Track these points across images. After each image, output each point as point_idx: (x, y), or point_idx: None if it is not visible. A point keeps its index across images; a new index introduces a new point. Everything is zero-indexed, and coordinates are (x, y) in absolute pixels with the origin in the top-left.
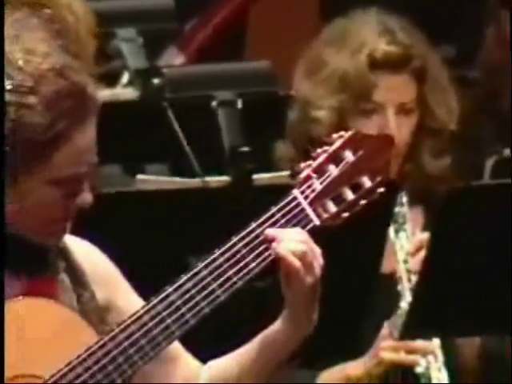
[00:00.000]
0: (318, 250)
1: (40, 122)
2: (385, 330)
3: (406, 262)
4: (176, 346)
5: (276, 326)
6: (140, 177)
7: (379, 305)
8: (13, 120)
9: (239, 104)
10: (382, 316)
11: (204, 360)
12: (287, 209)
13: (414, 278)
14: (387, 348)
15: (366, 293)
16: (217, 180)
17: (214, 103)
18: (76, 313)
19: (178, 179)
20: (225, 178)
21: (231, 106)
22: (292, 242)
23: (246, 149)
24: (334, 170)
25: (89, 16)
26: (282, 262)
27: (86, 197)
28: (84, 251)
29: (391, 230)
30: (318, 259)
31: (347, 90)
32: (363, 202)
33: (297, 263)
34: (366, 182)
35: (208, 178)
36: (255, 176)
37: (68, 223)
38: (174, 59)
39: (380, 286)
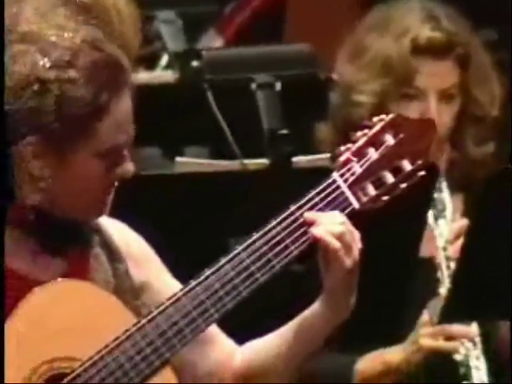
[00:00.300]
0: (356, 234)
1: (84, 95)
2: (424, 316)
3: (445, 249)
4: (212, 327)
5: (313, 309)
6: (179, 159)
7: (419, 290)
8: (57, 95)
9: (278, 86)
10: (422, 302)
11: (240, 342)
12: (326, 192)
13: (452, 265)
14: (426, 334)
15: (406, 278)
16: (256, 163)
17: (253, 86)
18: (113, 295)
19: (217, 162)
20: (264, 161)
21: (270, 89)
22: (330, 225)
23: (285, 131)
24: (373, 154)
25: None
26: (321, 243)
27: (128, 166)
28: (117, 230)
29: (430, 216)
30: (356, 242)
31: (389, 74)
32: (403, 185)
33: (335, 244)
34: (407, 166)
35: (247, 161)
36: (294, 159)
37: (110, 196)
38: (212, 42)
39: (419, 272)
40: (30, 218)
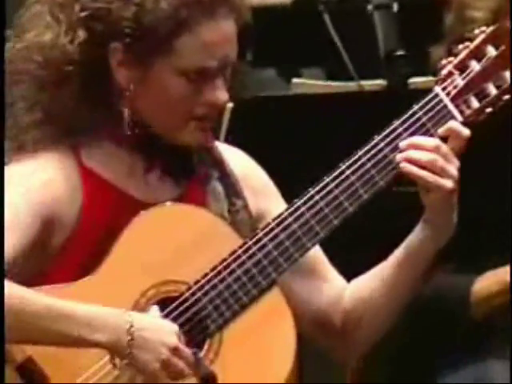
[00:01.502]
0: (451, 154)
1: (163, 8)
2: None
3: None
4: (323, 265)
5: (416, 233)
6: (296, 81)
7: None
8: (137, 4)
9: (395, 7)
10: None
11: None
12: (429, 106)
13: None
14: None
15: None
16: (372, 84)
17: (369, 7)
18: (221, 219)
19: (333, 83)
20: (380, 82)
21: (387, 10)
22: (417, 152)
23: (401, 52)
24: (476, 66)
25: None
26: (408, 173)
27: (221, 95)
28: (237, 160)
29: None
30: (452, 162)
31: None
32: (506, 97)
33: (421, 172)
34: (509, 77)
35: (363, 82)
36: (411, 80)
37: (208, 124)
38: None
39: None
40: (134, 135)
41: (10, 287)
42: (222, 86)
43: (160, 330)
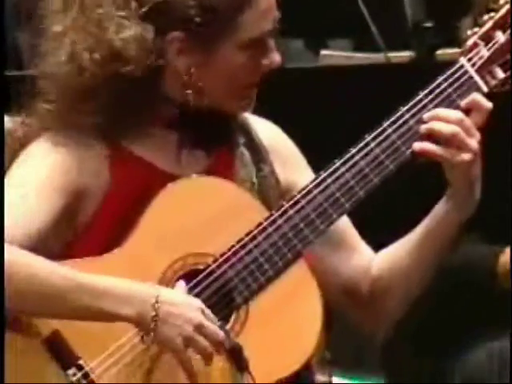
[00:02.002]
0: (473, 127)
1: None
2: None
3: None
4: (352, 235)
5: (441, 205)
6: (323, 52)
7: None
8: None
9: None
10: None
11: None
12: (454, 77)
13: None
14: None
15: None
16: (400, 55)
17: None
18: (247, 191)
19: (361, 55)
20: (408, 54)
21: None
22: (440, 123)
23: (429, 24)
24: (501, 36)
25: None
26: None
27: (275, 57)
28: (265, 129)
29: None
30: (473, 135)
31: None
32: None
33: (438, 150)
34: None
35: (391, 54)
36: (438, 51)
37: (256, 90)
38: None
39: None
40: (174, 115)
41: (35, 259)
42: (274, 47)
43: (185, 306)
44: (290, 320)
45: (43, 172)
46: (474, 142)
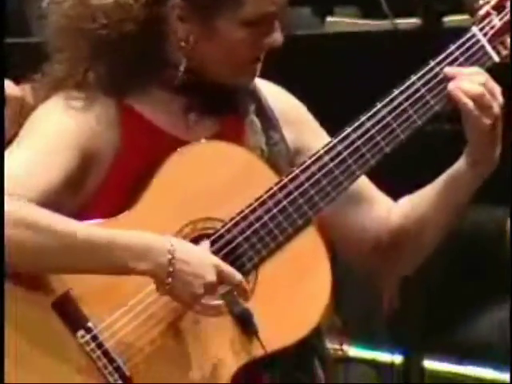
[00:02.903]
0: (497, 90)
1: None
2: None
3: None
4: (369, 187)
5: (459, 164)
6: (330, 19)
7: None
8: None
9: None
10: None
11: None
12: (466, 46)
13: None
14: None
15: None
16: (407, 22)
17: None
18: (258, 156)
19: (367, 21)
20: (415, 20)
21: None
22: (469, 84)
23: None
24: None
25: None
26: (457, 102)
27: (277, 37)
28: (275, 94)
29: None
30: (496, 98)
31: None
32: None
33: (470, 104)
34: None
35: (398, 20)
36: (445, 18)
37: (258, 64)
38: None
39: None
40: (181, 80)
41: (50, 216)
42: (278, 28)
43: (200, 265)
44: (298, 286)
45: (53, 132)
46: (496, 105)
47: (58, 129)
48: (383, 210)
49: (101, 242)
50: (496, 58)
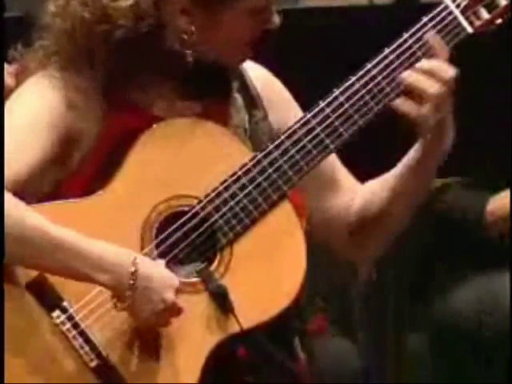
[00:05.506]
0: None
1: None
2: None
3: None
4: (338, 167)
5: (414, 150)
6: None
7: None
8: None
9: None
10: None
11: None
12: (439, 18)
13: None
14: None
15: None
16: None
17: None
18: (232, 133)
19: None
20: None
21: None
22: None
23: None
24: None
25: None
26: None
27: (276, 19)
28: (258, 75)
29: None
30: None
31: None
32: None
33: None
34: None
35: None
36: None
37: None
38: None
39: None
40: (173, 67)
41: (31, 216)
42: (275, 10)
43: (162, 283)
44: (274, 261)
45: (37, 109)
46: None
47: (42, 107)
48: (349, 195)
49: (69, 246)
50: (469, 30)
